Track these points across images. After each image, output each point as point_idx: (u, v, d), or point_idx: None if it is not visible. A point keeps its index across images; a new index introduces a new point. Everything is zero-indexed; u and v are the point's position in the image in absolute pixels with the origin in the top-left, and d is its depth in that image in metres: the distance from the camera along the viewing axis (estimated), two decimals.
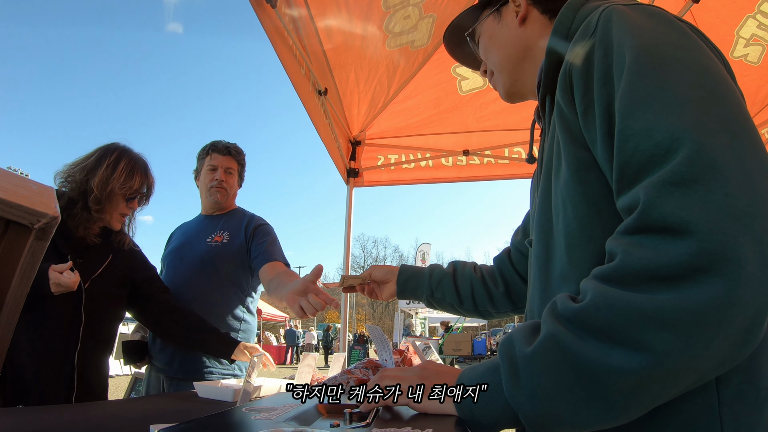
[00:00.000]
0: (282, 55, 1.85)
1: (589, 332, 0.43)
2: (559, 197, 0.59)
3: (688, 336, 0.39)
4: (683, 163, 0.41)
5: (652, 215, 0.42)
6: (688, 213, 0.40)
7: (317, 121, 2.37)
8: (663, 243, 0.41)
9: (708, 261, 0.38)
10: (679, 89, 0.45)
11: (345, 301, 3.04)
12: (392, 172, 3.29)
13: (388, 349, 1.19)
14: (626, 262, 0.43)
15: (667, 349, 0.40)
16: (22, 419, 0.93)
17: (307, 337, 20.92)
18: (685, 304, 0.39)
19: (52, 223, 0.50)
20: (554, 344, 0.45)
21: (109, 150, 1.47)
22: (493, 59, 0.82)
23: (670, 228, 0.40)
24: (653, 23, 0.52)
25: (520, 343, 0.48)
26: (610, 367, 0.41)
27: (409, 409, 0.60)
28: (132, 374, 2.15)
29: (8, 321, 0.51)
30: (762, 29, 2.39)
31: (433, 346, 1.62)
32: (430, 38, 2.49)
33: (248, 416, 0.61)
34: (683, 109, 0.44)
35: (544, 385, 0.45)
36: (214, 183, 1.79)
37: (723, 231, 0.38)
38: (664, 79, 0.46)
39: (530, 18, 0.77)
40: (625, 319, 0.41)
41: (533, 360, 0.46)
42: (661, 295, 0.40)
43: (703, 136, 0.42)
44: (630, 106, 0.47)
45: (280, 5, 1.71)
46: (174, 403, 1.19)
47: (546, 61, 0.65)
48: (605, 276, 0.45)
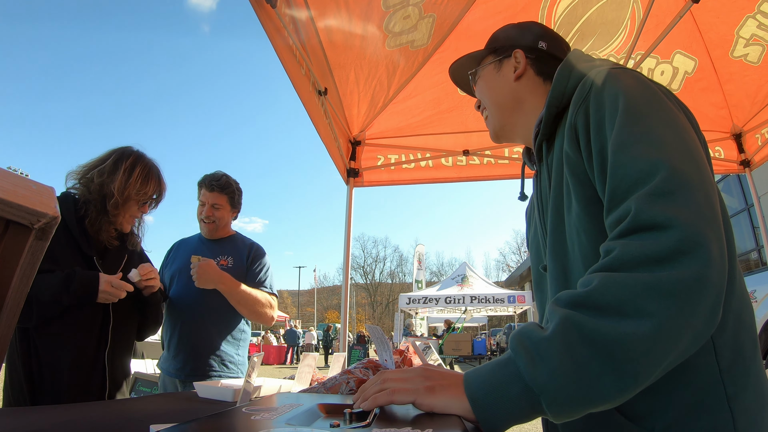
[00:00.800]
0: (282, 55, 1.85)
1: (599, 310, 0.51)
2: (573, 228, 0.71)
3: (681, 302, 0.49)
4: (663, 180, 0.54)
5: (642, 218, 0.54)
6: (670, 213, 0.52)
7: (317, 121, 2.37)
8: (653, 236, 0.52)
9: (688, 246, 0.50)
10: (655, 133, 0.60)
11: (345, 301, 3.04)
12: (392, 172, 3.29)
13: (388, 349, 1.19)
14: (624, 251, 0.53)
15: (667, 313, 0.48)
16: (22, 419, 0.93)
17: (307, 337, 20.93)
18: (676, 276, 0.49)
19: (52, 223, 0.50)
20: (570, 325, 0.51)
21: (125, 154, 1.50)
22: (488, 103, 0.95)
23: (658, 225, 0.52)
24: (635, 84, 0.67)
25: (533, 333, 0.54)
26: (622, 335, 0.48)
27: (408, 410, 0.60)
28: (132, 374, 2.15)
29: (8, 321, 0.51)
30: (762, 29, 2.39)
31: (433, 346, 1.62)
32: (430, 38, 2.49)
33: (248, 416, 0.61)
34: (659, 146, 0.58)
35: (564, 363, 0.49)
36: (202, 217, 1.98)
37: (696, 226, 0.51)
38: (644, 126, 0.61)
39: (525, 76, 0.91)
40: (630, 292, 0.50)
41: (552, 341, 0.51)
42: (657, 271, 0.50)
43: (675, 163, 0.56)
44: (619, 145, 0.60)
45: (280, 5, 1.71)
46: (174, 403, 1.19)
47: (546, 114, 0.79)
48: (606, 266, 0.54)
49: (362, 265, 51.95)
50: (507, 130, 0.94)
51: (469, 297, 12.09)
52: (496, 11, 2.46)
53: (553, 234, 0.76)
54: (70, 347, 1.36)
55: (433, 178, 3.31)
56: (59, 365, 1.34)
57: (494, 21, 2.50)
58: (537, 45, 0.92)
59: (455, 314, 13.84)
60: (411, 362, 1.35)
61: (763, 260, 11.02)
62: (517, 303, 12.44)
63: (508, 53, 0.93)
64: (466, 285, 13.16)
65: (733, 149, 3.23)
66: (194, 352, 1.84)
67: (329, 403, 0.68)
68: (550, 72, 0.88)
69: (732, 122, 3.13)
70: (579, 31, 2.54)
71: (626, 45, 2.58)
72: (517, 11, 2.47)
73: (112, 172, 1.45)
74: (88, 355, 1.40)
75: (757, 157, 3.11)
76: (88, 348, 1.40)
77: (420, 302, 12.70)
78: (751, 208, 12.06)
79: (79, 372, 1.37)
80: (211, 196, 1.96)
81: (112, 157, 1.49)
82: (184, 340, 1.86)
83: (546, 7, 2.46)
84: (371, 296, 50.93)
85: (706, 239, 0.51)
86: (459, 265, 15.89)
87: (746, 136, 3.14)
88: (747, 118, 3.02)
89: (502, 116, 0.93)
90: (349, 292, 3.12)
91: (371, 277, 52.29)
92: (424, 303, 12.69)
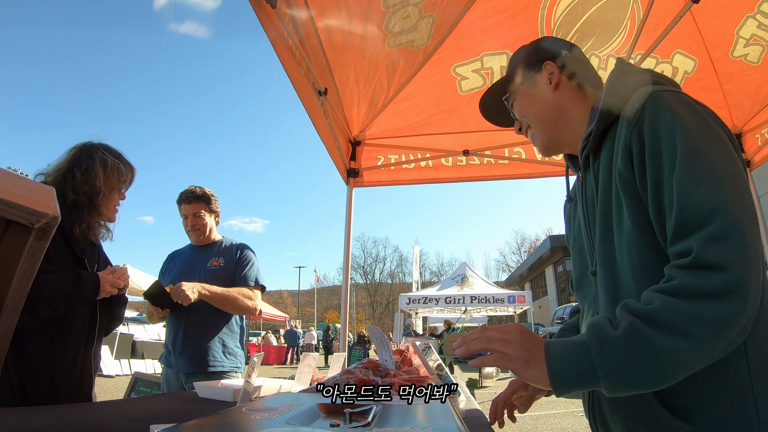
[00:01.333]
0: (282, 55, 1.84)
1: (658, 325, 0.64)
2: (624, 242, 0.79)
3: (718, 330, 0.62)
4: (719, 226, 0.65)
5: (701, 258, 0.65)
6: (724, 256, 0.63)
7: (317, 122, 2.37)
8: (708, 274, 0.64)
9: (733, 286, 0.63)
10: (713, 175, 0.68)
11: (345, 301, 3.04)
12: (392, 172, 3.28)
13: (388, 349, 1.19)
14: (683, 282, 0.65)
15: (706, 337, 0.62)
16: (22, 419, 0.93)
17: (307, 337, 20.91)
18: (719, 311, 0.62)
19: (52, 223, 0.50)
20: (635, 331, 0.65)
21: (92, 149, 1.53)
22: (533, 119, 0.98)
23: (713, 266, 0.64)
24: (688, 113, 0.73)
25: (606, 328, 0.68)
26: (670, 347, 0.63)
27: (408, 410, 0.60)
28: (132, 374, 2.15)
29: (8, 322, 0.51)
30: (762, 29, 2.39)
31: (432, 345, 1.63)
32: (430, 38, 2.49)
33: (248, 416, 0.61)
34: (717, 189, 0.67)
35: (624, 357, 0.64)
36: (188, 228, 2.22)
37: (743, 268, 0.63)
38: (703, 164, 0.69)
39: (562, 84, 0.95)
40: (683, 317, 0.63)
41: (619, 340, 0.65)
42: (705, 304, 0.63)
43: (731, 207, 0.66)
44: (683, 184, 0.69)
45: (280, 5, 1.71)
46: (174, 403, 1.19)
47: (595, 129, 0.85)
48: (667, 290, 0.66)
49: (362, 265, 51.98)
50: (556, 141, 0.98)
51: (469, 297, 12.10)
52: (496, 11, 2.46)
53: (603, 243, 0.84)
54: (65, 347, 1.39)
55: (433, 178, 3.30)
56: (54, 365, 1.36)
57: (494, 21, 2.50)
58: (561, 53, 0.97)
59: (455, 314, 13.84)
60: (411, 362, 1.35)
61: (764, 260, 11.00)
62: (517, 303, 12.45)
63: (538, 67, 0.97)
64: (466, 285, 13.16)
65: None
66: (198, 347, 2.05)
67: (329, 403, 0.68)
68: (582, 76, 0.95)
69: (732, 122, 3.13)
70: (579, 31, 2.54)
71: (626, 45, 2.58)
72: (517, 11, 2.47)
73: (89, 169, 1.48)
74: (80, 354, 1.43)
75: (757, 157, 3.11)
76: (80, 347, 1.44)
77: (420, 302, 12.70)
78: None
79: (73, 371, 1.40)
80: (189, 207, 2.20)
81: (81, 155, 1.51)
82: (189, 338, 2.06)
83: (546, 7, 2.46)
84: (371, 296, 50.92)
85: (749, 280, 0.63)
86: (459, 265, 15.88)
87: (746, 136, 3.14)
88: (747, 118, 3.02)
89: (548, 128, 0.97)
90: (349, 292, 3.12)
91: (371, 277, 52.33)
92: (424, 303, 12.68)
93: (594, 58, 2.71)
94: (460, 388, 1.24)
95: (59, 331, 1.38)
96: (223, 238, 2.32)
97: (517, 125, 1.03)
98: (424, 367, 1.27)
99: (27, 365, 1.32)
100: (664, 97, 0.75)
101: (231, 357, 2.12)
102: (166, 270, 2.28)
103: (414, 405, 0.70)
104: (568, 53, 0.97)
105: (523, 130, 1.02)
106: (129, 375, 6.43)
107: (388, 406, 0.67)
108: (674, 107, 0.73)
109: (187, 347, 2.05)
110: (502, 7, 2.44)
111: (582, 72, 0.96)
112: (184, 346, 2.06)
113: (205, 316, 2.07)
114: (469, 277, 13.62)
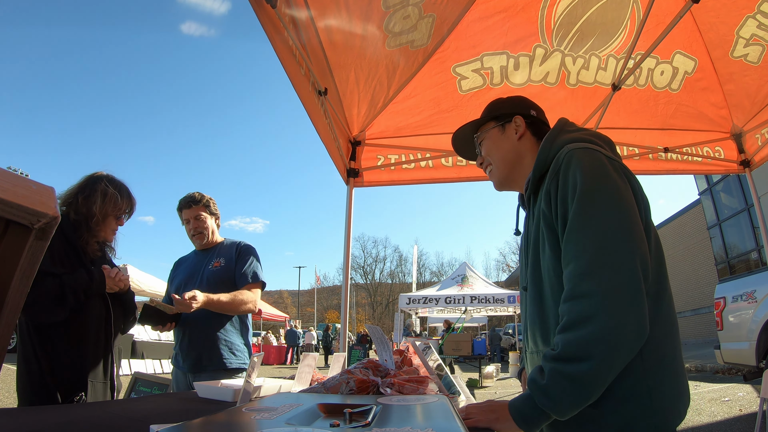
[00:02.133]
0: (282, 55, 1.84)
1: (566, 360, 0.84)
2: (546, 265, 1.00)
3: (608, 346, 0.82)
4: (589, 262, 0.86)
5: (574, 291, 0.87)
6: (589, 288, 0.85)
7: (317, 122, 2.37)
8: (581, 303, 0.85)
9: (598, 310, 0.83)
10: (595, 221, 0.89)
11: (345, 302, 3.04)
12: (392, 172, 3.28)
13: (388, 349, 1.19)
14: (568, 316, 0.87)
15: (600, 354, 0.82)
16: (22, 419, 0.93)
17: (307, 337, 20.90)
18: (597, 332, 0.82)
19: (52, 223, 0.50)
20: (555, 373, 0.86)
21: (98, 179, 1.78)
22: (495, 159, 1.20)
23: (585, 294, 0.85)
24: (591, 167, 0.93)
25: (539, 380, 0.88)
26: (581, 371, 0.83)
27: (408, 410, 0.60)
28: (132, 374, 2.16)
29: (8, 321, 0.50)
30: (762, 29, 2.39)
31: (432, 346, 1.63)
32: (430, 38, 2.49)
33: (248, 416, 0.61)
34: (595, 233, 0.88)
35: (557, 395, 0.85)
36: (192, 233, 2.29)
37: (608, 297, 0.83)
38: (591, 212, 0.89)
39: (525, 136, 1.18)
40: (578, 346, 0.84)
41: (549, 386, 0.85)
42: (585, 329, 0.84)
43: (605, 246, 0.86)
44: (570, 226, 0.91)
45: (280, 5, 1.71)
46: (174, 403, 1.20)
47: (532, 176, 1.08)
48: (561, 328, 0.88)
49: (362, 265, 51.95)
50: (509, 180, 1.20)
51: (469, 297, 12.08)
52: (496, 11, 2.46)
53: (533, 267, 1.05)
54: (89, 339, 1.60)
55: (433, 178, 3.30)
56: (81, 357, 1.57)
57: (494, 21, 2.51)
58: (530, 112, 1.20)
59: (455, 314, 13.83)
60: (411, 362, 1.34)
61: (763, 260, 11.01)
62: (516, 303, 12.42)
63: (509, 119, 1.19)
64: (466, 285, 13.14)
65: (733, 149, 3.23)
66: (205, 347, 2.11)
67: (329, 403, 0.68)
68: (541, 133, 1.16)
69: (732, 122, 3.13)
70: (579, 30, 2.54)
71: (626, 45, 2.58)
72: (517, 11, 2.47)
73: (90, 196, 1.72)
74: (101, 346, 1.65)
75: (757, 157, 3.11)
76: (100, 340, 1.65)
77: (420, 302, 12.69)
78: (751, 208, 12.05)
79: (95, 362, 1.61)
80: (190, 212, 2.28)
81: (89, 183, 1.76)
82: (195, 339, 2.12)
83: (546, 7, 2.46)
84: (371, 296, 50.90)
85: (612, 301, 0.82)
86: (459, 265, 15.88)
87: (746, 136, 3.14)
88: (747, 118, 3.02)
89: (506, 169, 1.19)
90: (349, 292, 3.12)
91: (371, 277, 52.29)
92: (424, 303, 12.68)
93: (594, 58, 2.71)
94: (460, 388, 1.25)
95: (83, 324, 1.59)
96: (225, 239, 2.39)
97: (479, 160, 1.25)
98: (424, 367, 1.27)
99: (53, 358, 1.51)
100: (576, 154, 0.96)
101: (239, 354, 2.17)
102: (173, 276, 2.37)
103: (414, 405, 0.70)
104: (535, 114, 1.20)
105: (484, 165, 1.24)
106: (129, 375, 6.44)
107: (388, 406, 0.67)
108: (581, 161, 0.94)
109: (194, 348, 2.10)
110: (502, 7, 2.45)
111: (541, 129, 1.18)
112: (191, 347, 2.11)
113: (210, 315, 2.11)
114: (469, 277, 13.61)
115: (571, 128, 1.10)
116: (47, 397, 1.48)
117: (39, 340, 1.52)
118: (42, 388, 1.49)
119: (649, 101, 2.93)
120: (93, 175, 1.81)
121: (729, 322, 5.60)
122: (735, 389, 5.90)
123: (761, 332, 4.96)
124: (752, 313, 5.17)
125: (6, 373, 5.05)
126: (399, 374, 1.12)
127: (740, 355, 5.35)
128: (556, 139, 1.06)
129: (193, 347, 2.11)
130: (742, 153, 3.20)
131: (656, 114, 3.01)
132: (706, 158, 3.25)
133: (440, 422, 0.57)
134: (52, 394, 1.48)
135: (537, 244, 1.04)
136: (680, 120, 3.07)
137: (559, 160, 0.97)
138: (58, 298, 1.50)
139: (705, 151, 3.26)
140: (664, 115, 3.02)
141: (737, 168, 3.24)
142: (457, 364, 11.41)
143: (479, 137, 1.24)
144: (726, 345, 5.63)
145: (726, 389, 6.02)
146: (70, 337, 1.56)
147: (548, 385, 0.85)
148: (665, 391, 0.88)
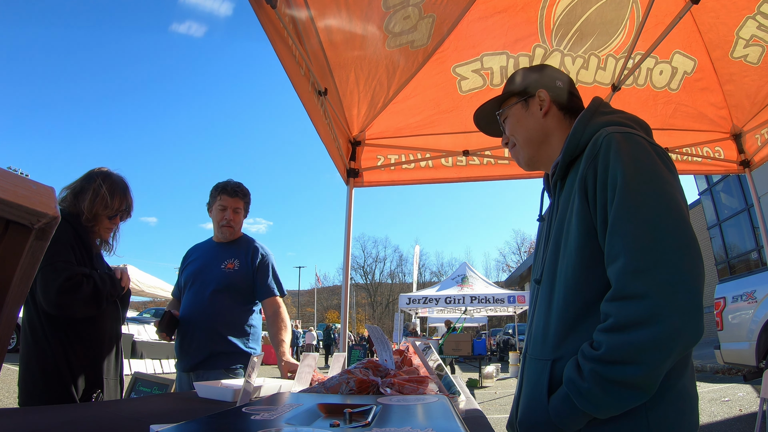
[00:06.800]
0: (282, 55, 1.84)
1: (611, 363, 0.78)
2: (565, 261, 0.91)
3: (660, 352, 0.75)
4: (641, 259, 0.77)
5: (623, 291, 0.78)
6: (645, 288, 0.76)
7: (317, 122, 2.37)
8: (633, 304, 0.77)
9: (658, 311, 0.75)
10: (642, 214, 0.79)
11: (345, 301, 3.03)
12: (392, 172, 3.28)
13: (388, 349, 1.19)
14: (617, 317, 0.78)
15: (651, 360, 0.75)
16: (22, 419, 0.93)
17: (308, 338, 20.91)
18: (652, 336, 0.75)
19: (52, 223, 0.50)
20: (596, 374, 0.79)
21: (92, 176, 1.74)
22: (519, 138, 1.09)
23: (636, 296, 0.77)
24: (636, 152, 0.84)
25: (578, 380, 0.82)
26: (627, 375, 0.76)
27: (408, 410, 0.60)
28: (132, 374, 2.16)
29: (8, 321, 0.51)
30: (762, 30, 2.39)
31: (433, 346, 1.63)
32: (430, 38, 2.49)
33: (248, 416, 0.61)
34: (644, 227, 0.78)
35: (598, 396, 0.79)
36: (224, 222, 2.19)
37: (664, 296, 0.75)
38: (637, 203, 0.80)
39: (551, 112, 1.06)
40: (627, 351, 0.76)
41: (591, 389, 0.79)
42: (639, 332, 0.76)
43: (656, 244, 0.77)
44: (616, 218, 0.81)
45: (280, 5, 1.71)
46: (174, 403, 1.20)
47: (562, 160, 0.97)
48: (606, 328, 0.80)
49: (362, 265, 51.92)
50: (536, 160, 1.10)
51: (469, 297, 12.07)
52: (496, 11, 2.46)
53: (551, 260, 0.97)
54: (104, 339, 1.65)
55: (433, 178, 3.30)
56: (99, 356, 1.61)
57: (494, 21, 2.50)
58: (555, 84, 1.08)
59: (455, 314, 13.83)
60: (411, 362, 1.34)
61: (763, 260, 10.99)
62: (517, 303, 12.42)
63: (533, 93, 1.07)
64: (466, 285, 13.13)
65: (733, 149, 3.23)
66: (208, 349, 2.07)
67: (329, 403, 0.68)
68: (570, 107, 1.07)
69: (732, 122, 3.13)
70: (578, 30, 2.54)
71: (625, 45, 2.58)
72: (517, 11, 2.47)
73: (81, 193, 1.69)
74: (113, 345, 1.70)
75: (757, 157, 3.11)
76: (112, 339, 1.70)
77: (420, 302, 12.68)
78: (751, 208, 12.05)
79: (109, 357, 1.66)
80: (232, 201, 2.19)
81: (83, 180, 1.73)
82: (198, 339, 2.08)
83: (545, 7, 2.46)
84: (371, 296, 50.88)
85: (670, 304, 0.74)
86: (459, 265, 15.87)
87: (746, 136, 3.14)
88: (747, 118, 3.02)
89: (531, 148, 1.08)
90: (349, 292, 3.12)
91: (371, 277, 52.27)
92: (424, 303, 12.67)
93: (593, 58, 2.71)
94: (460, 388, 1.25)
95: (102, 321, 1.65)
96: (243, 235, 2.32)
97: (504, 139, 1.15)
98: (424, 368, 1.27)
99: (71, 353, 1.54)
100: (617, 138, 0.86)
101: (241, 357, 2.13)
102: (184, 267, 2.30)
103: (414, 405, 0.70)
104: (562, 84, 1.08)
105: (509, 145, 1.13)
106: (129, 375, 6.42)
107: (388, 406, 0.67)
108: (625, 146, 0.85)
109: (197, 348, 2.08)
110: (501, 7, 2.44)
111: (570, 103, 1.07)
112: (192, 347, 2.09)
113: (211, 315, 2.09)
114: (469, 277, 13.60)
115: (607, 109, 1.00)
116: (66, 396, 1.49)
117: (58, 340, 1.53)
118: (60, 387, 1.50)
119: (648, 101, 2.93)
120: (92, 171, 1.77)
121: (729, 322, 5.60)
122: (735, 389, 5.90)
123: (761, 332, 4.96)
124: (752, 313, 5.18)
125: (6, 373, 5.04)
126: (399, 374, 1.12)
127: (740, 356, 5.35)
128: (590, 121, 0.95)
129: (194, 347, 2.08)
130: (741, 153, 3.19)
131: (656, 114, 3.00)
132: (705, 158, 3.25)
133: (440, 422, 0.57)
134: (69, 393, 1.49)
135: (559, 237, 0.95)
136: (680, 120, 3.07)
137: (597, 144, 0.87)
138: (93, 295, 1.55)
139: (705, 151, 3.26)
140: (664, 115, 3.02)
141: (737, 168, 3.24)
142: (457, 364, 11.40)
143: (502, 114, 1.13)
144: (726, 345, 5.63)
145: (726, 389, 6.02)
146: (90, 337, 1.60)
147: (589, 389, 0.79)
148: (692, 392, 0.86)
